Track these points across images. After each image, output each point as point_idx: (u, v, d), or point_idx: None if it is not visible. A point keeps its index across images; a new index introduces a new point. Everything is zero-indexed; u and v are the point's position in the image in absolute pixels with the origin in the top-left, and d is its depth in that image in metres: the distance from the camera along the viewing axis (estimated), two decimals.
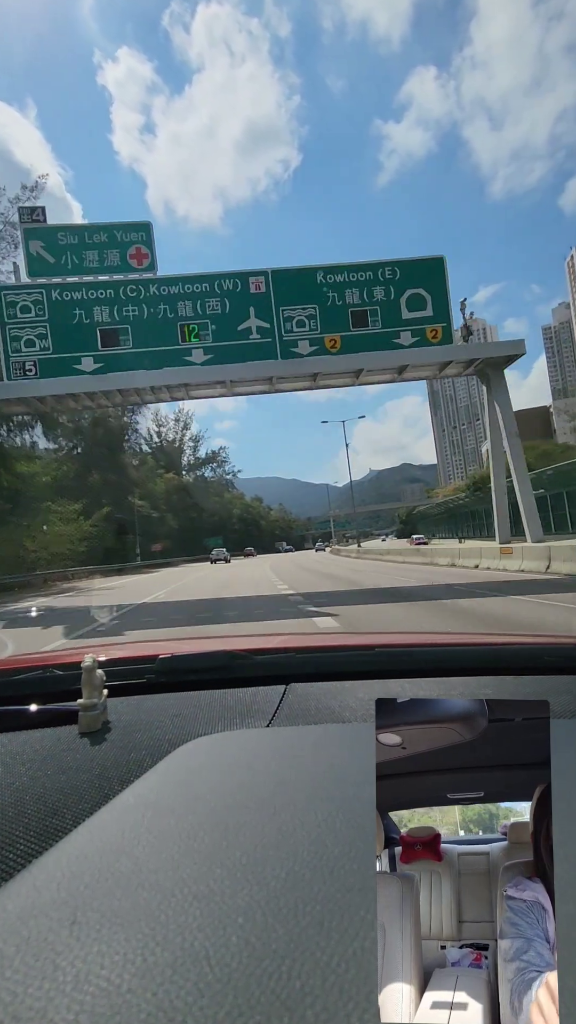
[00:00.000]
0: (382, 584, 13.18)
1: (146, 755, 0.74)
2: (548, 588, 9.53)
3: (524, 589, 9.48)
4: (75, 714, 0.83)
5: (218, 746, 0.65)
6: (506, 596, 8.91)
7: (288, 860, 0.39)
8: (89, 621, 9.74)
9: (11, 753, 0.76)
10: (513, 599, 8.44)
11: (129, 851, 0.42)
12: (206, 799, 0.49)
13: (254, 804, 0.47)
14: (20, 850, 0.54)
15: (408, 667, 1.08)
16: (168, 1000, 0.28)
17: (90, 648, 1.19)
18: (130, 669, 1.09)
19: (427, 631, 5.40)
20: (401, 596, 9.90)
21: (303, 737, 0.67)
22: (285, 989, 0.28)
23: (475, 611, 7.36)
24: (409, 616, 7.37)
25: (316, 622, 7.21)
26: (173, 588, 17.43)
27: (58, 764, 0.72)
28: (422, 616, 7.21)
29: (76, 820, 0.58)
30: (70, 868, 0.40)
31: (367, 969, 0.29)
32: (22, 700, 0.96)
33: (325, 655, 1.22)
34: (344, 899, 0.34)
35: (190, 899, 0.35)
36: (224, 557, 49.58)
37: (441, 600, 8.94)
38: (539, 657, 1.07)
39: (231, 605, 10.75)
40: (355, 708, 0.88)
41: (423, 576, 14.33)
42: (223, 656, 1.07)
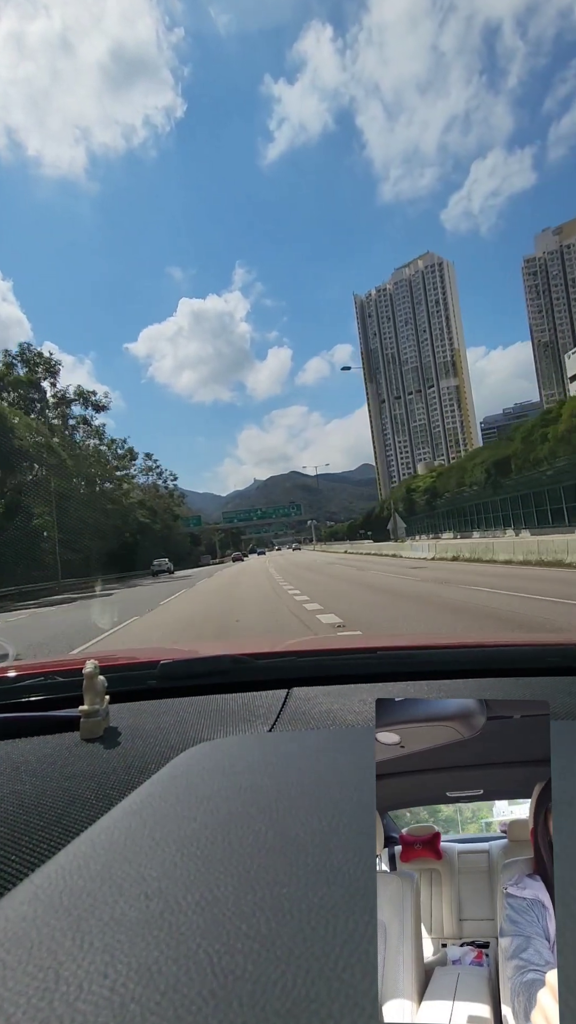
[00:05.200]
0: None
1: (148, 761, 0.74)
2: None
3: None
4: (77, 720, 0.83)
5: (220, 751, 0.65)
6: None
7: (291, 865, 0.39)
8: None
9: (13, 760, 0.76)
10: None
11: (132, 857, 0.42)
12: (209, 804, 0.49)
13: (257, 809, 0.47)
14: (23, 857, 0.54)
15: (409, 669, 1.08)
16: (172, 1008, 0.28)
17: (92, 654, 1.19)
18: (132, 675, 1.09)
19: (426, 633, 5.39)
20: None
21: (305, 741, 0.67)
22: (289, 996, 0.28)
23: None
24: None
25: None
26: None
27: (60, 771, 0.72)
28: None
29: (78, 827, 0.58)
30: (72, 875, 0.40)
31: (370, 976, 0.29)
32: (24, 707, 0.96)
33: (326, 658, 1.22)
34: (347, 904, 0.34)
35: (193, 905, 0.35)
36: (167, 568, 44.18)
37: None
38: (540, 658, 1.07)
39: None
40: (357, 711, 0.88)
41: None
42: (224, 661, 1.07)
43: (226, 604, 10.83)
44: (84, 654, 1.30)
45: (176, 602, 12.86)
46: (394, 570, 15.84)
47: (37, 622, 11.94)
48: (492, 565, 14.26)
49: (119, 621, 9.69)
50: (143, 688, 1.05)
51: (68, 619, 11.99)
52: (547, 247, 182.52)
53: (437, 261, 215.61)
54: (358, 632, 5.51)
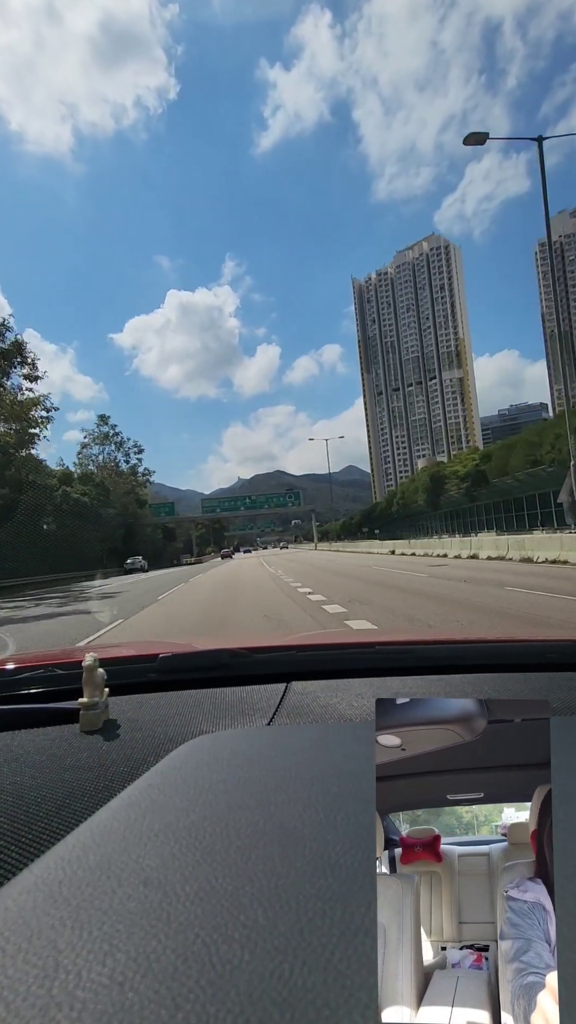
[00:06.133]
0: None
1: (147, 754, 0.74)
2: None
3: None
4: (76, 713, 0.83)
5: (219, 744, 0.65)
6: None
7: (289, 858, 0.39)
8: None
9: (13, 752, 0.76)
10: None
11: (130, 848, 0.42)
12: (207, 797, 0.49)
13: (255, 802, 0.47)
14: (22, 848, 0.54)
15: (408, 664, 1.08)
16: (171, 997, 0.28)
17: (92, 647, 1.19)
18: (131, 668, 1.09)
19: (427, 628, 5.40)
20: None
21: (304, 735, 0.67)
22: (287, 987, 0.28)
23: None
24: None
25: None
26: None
27: (60, 763, 0.72)
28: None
29: (78, 819, 0.58)
30: (72, 866, 0.40)
31: (368, 967, 0.29)
32: (24, 699, 0.97)
33: (325, 653, 1.22)
34: (345, 896, 0.34)
35: (192, 897, 0.35)
36: (141, 566, 41.73)
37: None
38: (540, 654, 1.07)
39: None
40: (355, 706, 0.88)
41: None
42: (224, 654, 1.07)
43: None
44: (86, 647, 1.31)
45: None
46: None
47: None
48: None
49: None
50: (142, 681, 1.05)
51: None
52: (564, 230, 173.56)
53: (443, 243, 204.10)
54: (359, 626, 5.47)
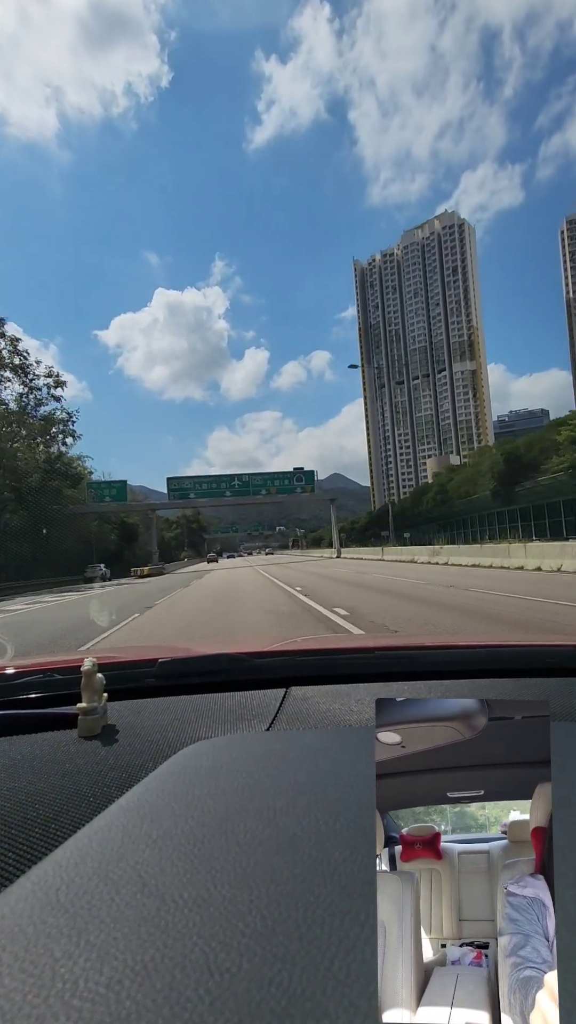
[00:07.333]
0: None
1: (146, 759, 0.74)
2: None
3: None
4: (75, 718, 0.83)
5: (218, 750, 0.65)
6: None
7: (289, 864, 0.39)
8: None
9: (11, 757, 0.76)
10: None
11: (129, 855, 0.42)
12: (206, 803, 0.49)
13: (254, 808, 0.47)
14: (20, 854, 0.54)
15: (408, 669, 1.08)
16: (168, 1005, 0.28)
17: (91, 652, 1.19)
18: (130, 673, 1.09)
19: (426, 633, 5.39)
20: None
21: (303, 740, 0.67)
22: (285, 995, 0.28)
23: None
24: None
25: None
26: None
27: (58, 768, 0.72)
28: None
29: (76, 824, 0.58)
30: (70, 873, 0.40)
31: (368, 975, 0.29)
32: (22, 704, 0.96)
33: (325, 658, 1.22)
34: (345, 903, 0.34)
35: (190, 903, 0.35)
36: (101, 573, 38.47)
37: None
38: (539, 659, 1.07)
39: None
40: (355, 711, 0.88)
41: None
42: (223, 659, 1.07)
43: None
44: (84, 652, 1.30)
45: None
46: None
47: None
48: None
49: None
50: (141, 686, 1.05)
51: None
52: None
53: (457, 222, 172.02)
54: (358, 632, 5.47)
